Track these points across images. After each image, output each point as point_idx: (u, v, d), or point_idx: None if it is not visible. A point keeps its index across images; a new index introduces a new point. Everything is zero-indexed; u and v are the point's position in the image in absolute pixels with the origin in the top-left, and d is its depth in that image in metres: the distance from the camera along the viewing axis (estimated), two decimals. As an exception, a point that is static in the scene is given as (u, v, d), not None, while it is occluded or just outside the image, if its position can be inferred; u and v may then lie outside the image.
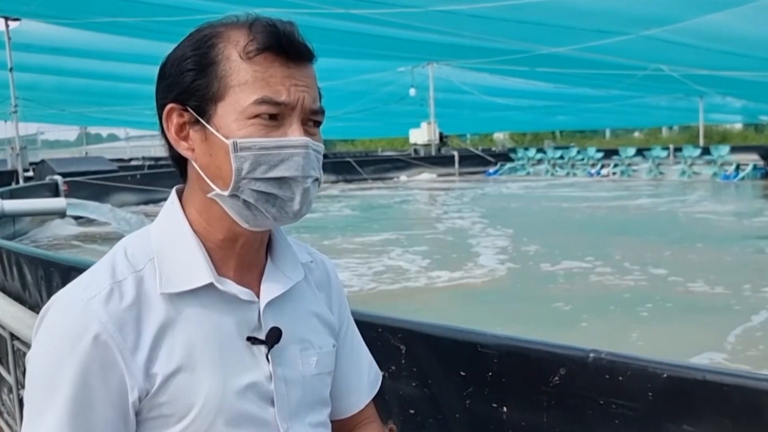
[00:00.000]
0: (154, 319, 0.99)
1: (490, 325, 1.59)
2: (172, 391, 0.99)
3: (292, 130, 1.01)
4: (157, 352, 0.98)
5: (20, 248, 3.84)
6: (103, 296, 0.98)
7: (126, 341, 0.96)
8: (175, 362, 0.99)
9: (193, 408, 0.99)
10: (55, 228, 13.54)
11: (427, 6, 17.50)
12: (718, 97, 35.61)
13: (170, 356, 0.99)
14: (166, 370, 0.98)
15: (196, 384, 1.00)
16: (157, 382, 0.98)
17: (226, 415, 1.01)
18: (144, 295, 1.00)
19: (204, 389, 1.00)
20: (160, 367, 0.98)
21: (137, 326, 0.98)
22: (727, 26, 18.08)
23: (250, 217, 1.03)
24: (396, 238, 11.79)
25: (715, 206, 16.31)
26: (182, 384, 0.99)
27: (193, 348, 1.00)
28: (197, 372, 1.00)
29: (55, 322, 0.98)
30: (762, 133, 50.74)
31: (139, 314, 0.98)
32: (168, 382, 0.98)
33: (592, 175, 27.07)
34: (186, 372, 0.99)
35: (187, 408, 0.99)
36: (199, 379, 1.00)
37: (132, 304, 0.98)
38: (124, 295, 0.99)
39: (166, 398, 0.99)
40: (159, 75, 1.06)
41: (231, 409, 1.02)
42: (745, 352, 5.43)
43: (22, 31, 19.17)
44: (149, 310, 0.99)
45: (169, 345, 0.99)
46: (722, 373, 1.19)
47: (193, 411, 0.99)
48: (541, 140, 50.46)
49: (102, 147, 52.83)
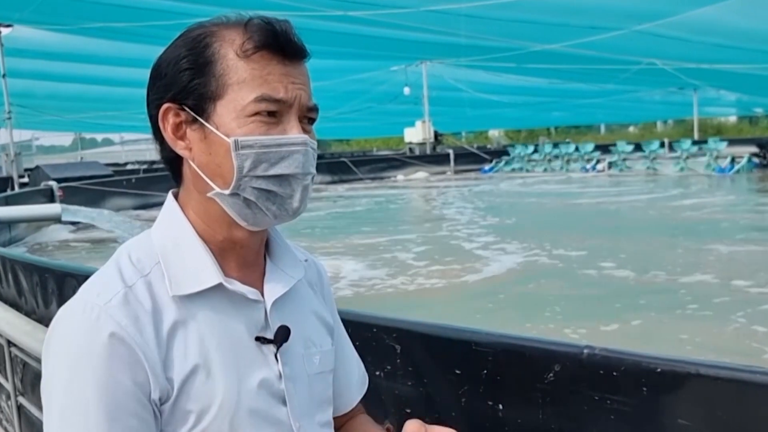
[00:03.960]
0: (168, 322, 0.99)
1: (486, 324, 1.59)
2: (190, 391, 0.99)
3: (291, 127, 1.02)
4: (174, 353, 0.98)
5: (15, 255, 3.84)
6: (119, 300, 0.97)
7: (147, 342, 0.96)
8: (191, 363, 0.99)
9: (210, 408, 1.00)
10: (51, 234, 13.52)
11: (419, 6, 17.51)
12: (712, 91, 35.70)
13: (186, 357, 0.99)
14: (183, 371, 0.98)
15: (212, 384, 1.00)
16: (176, 384, 0.98)
17: (243, 414, 1.02)
18: (155, 299, 1.00)
19: (220, 389, 1.00)
20: (177, 368, 0.98)
21: (155, 329, 0.98)
22: (719, 19, 18.14)
23: (250, 215, 1.03)
24: (392, 238, 11.79)
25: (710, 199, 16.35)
26: (199, 385, 0.99)
27: (207, 349, 1.01)
28: (213, 372, 1.00)
29: (72, 330, 0.96)
30: (756, 125, 50.84)
31: (154, 318, 0.98)
32: (186, 383, 0.98)
33: (587, 170, 27.08)
34: (202, 373, 1.00)
35: (205, 408, 0.99)
36: (215, 379, 1.00)
37: (147, 307, 0.98)
38: (138, 298, 0.99)
39: (185, 399, 0.99)
40: (152, 75, 1.06)
41: (247, 408, 1.02)
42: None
43: (14, 37, 19.13)
44: (163, 314, 1.00)
45: (184, 346, 0.99)
46: (716, 366, 1.19)
47: (211, 411, 1.00)
48: (536, 137, 50.46)
49: (97, 152, 52.72)
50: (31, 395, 3.19)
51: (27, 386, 3.25)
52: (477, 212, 15.30)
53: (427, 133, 30.83)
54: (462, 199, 18.59)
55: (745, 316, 6.04)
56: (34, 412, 3.10)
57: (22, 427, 3.30)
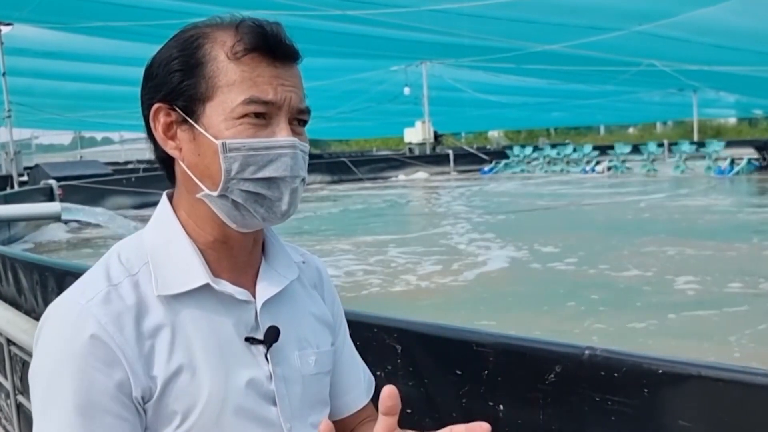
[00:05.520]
0: (152, 321, 0.99)
1: (485, 324, 1.59)
2: (174, 391, 0.99)
3: (279, 129, 1.02)
4: (157, 353, 0.98)
5: (15, 253, 3.83)
6: (100, 298, 0.98)
7: (127, 341, 0.96)
8: (175, 363, 0.99)
9: (195, 407, 1.00)
10: (50, 232, 13.51)
11: (419, 5, 17.51)
12: (711, 92, 35.69)
13: (170, 357, 0.99)
14: (167, 371, 0.98)
15: (197, 384, 1.00)
16: (159, 383, 0.98)
17: (229, 414, 1.01)
18: (141, 298, 1.00)
19: (206, 389, 1.00)
20: (160, 368, 0.98)
21: (136, 328, 0.98)
22: (719, 20, 18.13)
23: (239, 217, 1.03)
24: (391, 238, 11.79)
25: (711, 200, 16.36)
26: (184, 384, 0.99)
27: (192, 349, 1.01)
28: (198, 372, 1.00)
29: (54, 327, 0.98)
30: (756, 127, 50.83)
31: (137, 316, 0.98)
32: (170, 383, 0.98)
33: (586, 171, 27.09)
34: (187, 372, 1.00)
35: (190, 407, 0.99)
36: (200, 379, 1.00)
37: (130, 306, 0.99)
38: (121, 297, 0.99)
39: (169, 398, 0.99)
40: (145, 76, 1.07)
41: (234, 408, 1.02)
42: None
43: (14, 35, 19.12)
44: (147, 313, 1.00)
45: (168, 346, 0.99)
46: (718, 368, 1.19)
47: (196, 410, 1.00)
48: (536, 137, 50.52)
49: (97, 150, 52.70)
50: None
51: (26, 385, 3.24)
52: (476, 213, 15.30)
53: (426, 133, 30.83)
54: (461, 200, 18.59)
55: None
56: (34, 410, 3.10)
57: (21, 426, 3.30)
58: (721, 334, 5.72)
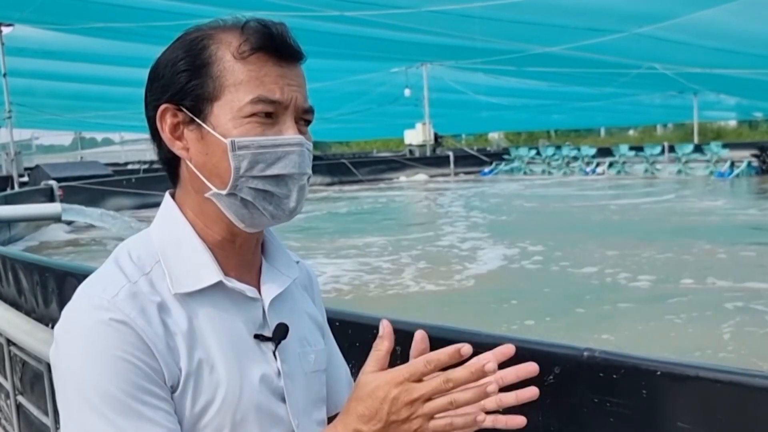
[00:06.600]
0: (172, 318, 1.00)
1: (484, 326, 1.59)
2: (195, 386, 1.00)
3: (286, 128, 1.03)
4: (179, 349, 0.99)
5: (16, 254, 3.84)
6: (125, 294, 0.97)
7: (156, 334, 0.97)
8: (196, 358, 1.00)
9: (214, 402, 1.00)
10: (51, 233, 13.51)
11: (420, 6, 17.51)
12: (711, 95, 35.67)
13: (191, 353, 1.00)
14: (189, 366, 0.99)
15: (216, 379, 1.01)
16: (182, 377, 0.99)
17: (245, 409, 1.03)
18: (160, 296, 1.01)
19: (224, 384, 1.01)
20: (184, 362, 0.99)
21: (162, 322, 0.99)
22: (719, 23, 18.13)
23: (247, 215, 1.04)
24: (390, 239, 11.78)
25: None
26: (204, 380, 1.00)
27: (209, 345, 1.02)
28: (216, 367, 1.01)
29: (81, 325, 0.96)
30: (756, 129, 50.79)
31: (159, 312, 0.99)
32: (191, 378, 0.99)
33: (587, 173, 27.09)
34: (206, 369, 1.00)
35: (209, 402, 1.00)
36: (218, 374, 1.01)
37: (153, 302, 0.99)
38: (144, 293, 0.99)
39: (190, 393, 0.99)
40: (150, 77, 1.07)
41: (250, 403, 1.03)
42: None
43: (15, 36, 19.14)
44: (167, 310, 1.00)
45: (188, 343, 1.00)
46: (715, 369, 1.19)
47: (214, 405, 1.00)
48: (536, 139, 50.42)
49: (97, 151, 52.62)
50: (30, 394, 3.19)
51: (26, 385, 3.25)
52: (476, 213, 15.30)
53: (426, 135, 30.83)
54: (461, 201, 18.59)
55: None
56: (33, 411, 3.10)
57: (21, 426, 3.30)
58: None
